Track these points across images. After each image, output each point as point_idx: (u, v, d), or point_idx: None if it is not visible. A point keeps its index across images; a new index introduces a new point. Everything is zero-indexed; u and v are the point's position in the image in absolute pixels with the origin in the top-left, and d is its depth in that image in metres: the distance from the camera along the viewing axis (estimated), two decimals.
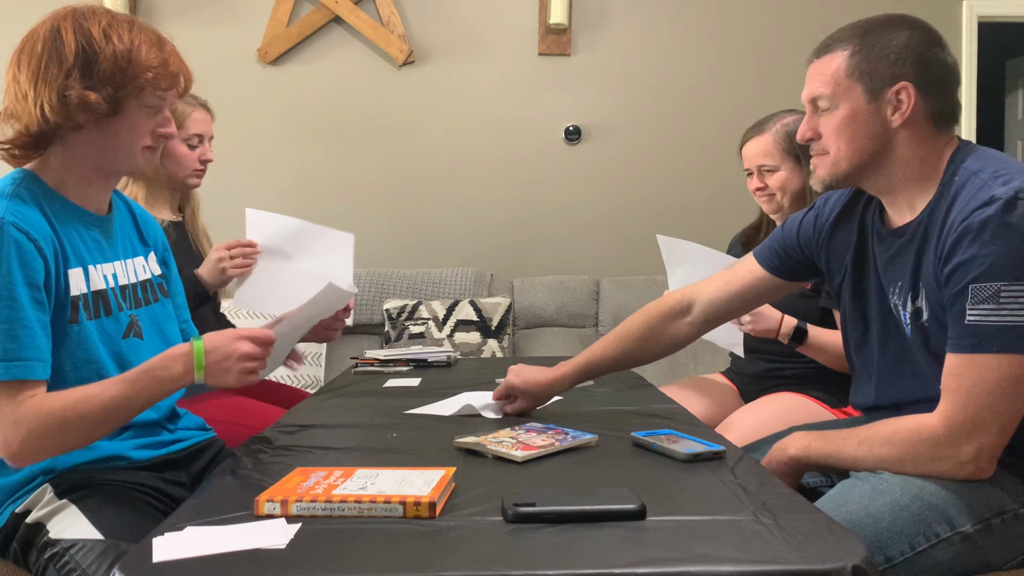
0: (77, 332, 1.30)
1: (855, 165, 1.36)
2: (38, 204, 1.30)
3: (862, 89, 1.34)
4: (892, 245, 1.39)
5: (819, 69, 1.39)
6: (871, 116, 1.34)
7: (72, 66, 1.28)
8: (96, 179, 1.39)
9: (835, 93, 1.36)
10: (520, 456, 1.27)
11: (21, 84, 1.30)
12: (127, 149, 1.35)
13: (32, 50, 1.31)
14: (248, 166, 3.77)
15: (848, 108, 1.35)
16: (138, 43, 1.31)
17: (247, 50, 3.73)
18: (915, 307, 1.34)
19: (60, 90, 1.28)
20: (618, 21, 3.85)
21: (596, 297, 3.64)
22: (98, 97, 1.28)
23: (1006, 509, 1.25)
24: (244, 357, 1.28)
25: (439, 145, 3.85)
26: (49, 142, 1.33)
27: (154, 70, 1.32)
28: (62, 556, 1.22)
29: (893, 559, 1.22)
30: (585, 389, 1.91)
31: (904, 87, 1.32)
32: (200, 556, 0.92)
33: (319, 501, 1.04)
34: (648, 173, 3.87)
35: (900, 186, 1.37)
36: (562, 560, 0.89)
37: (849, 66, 1.35)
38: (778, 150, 2.12)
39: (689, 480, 1.19)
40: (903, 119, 1.32)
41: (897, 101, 1.32)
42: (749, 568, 0.87)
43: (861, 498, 1.27)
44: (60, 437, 1.23)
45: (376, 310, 3.53)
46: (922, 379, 1.35)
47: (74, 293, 1.31)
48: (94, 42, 1.29)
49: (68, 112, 1.28)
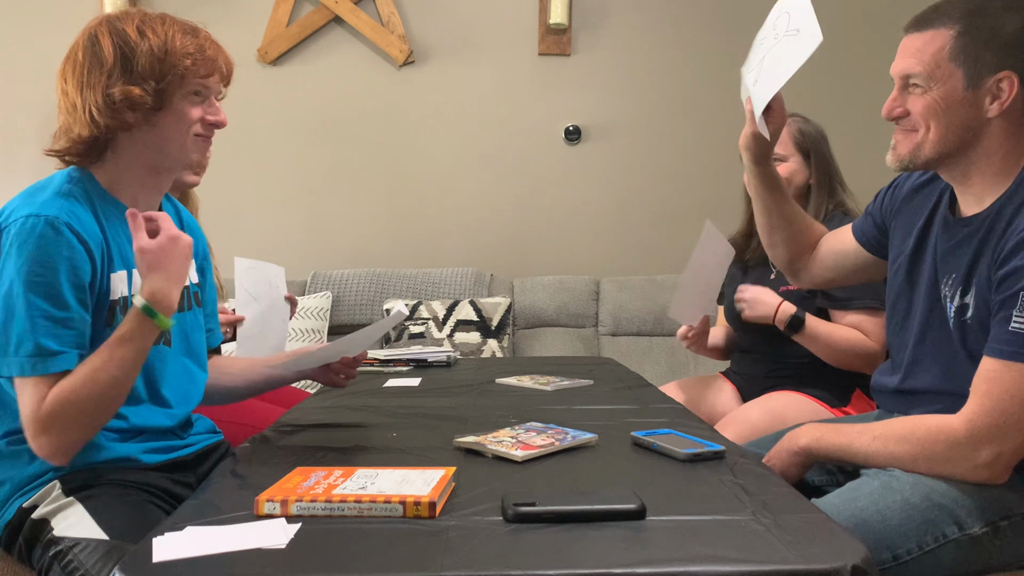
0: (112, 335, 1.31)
1: (940, 152, 1.30)
2: (90, 204, 1.33)
3: (963, 74, 1.26)
4: (955, 236, 1.34)
5: (918, 44, 1.29)
6: (967, 103, 1.26)
7: (112, 67, 1.31)
8: (149, 180, 1.40)
9: (932, 75, 1.27)
10: (520, 456, 1.27)
11: (69, 95, 1.34)
12: (178, 141, 1.37)
13: (74, 60, 1.34)
14: (248, 166, 3.77)
15: (943, 92, 1.27)
16: (172, 34, 1.34)
17: (247, 50, 3.73)
18: (962, 302, 1.31)
19: (104, 91, 1.31)
20: (618, 21, 3.85)
21: (596, 297, 3.64)
22: (141, 92, 1.31)
23: (1014, 512, 1.25)
24: (141, 251, 1.26)
25: (439, 145, 3.85)
26: (104, 148, 1.36)
27: (191, 57, 1.34)
28: (66, 554, 1.22)
29: (901, 558, 1.22)
30: (585, 388, 1.91)
31: (1008, 76, 1.24)
32: (200, 556, 0.92)
33: (319, 501, 1.04)
34: (648, 173, 3.87)
35: (977, 177, 1.31)
36: (562, 560, 0.89)
37: (953, 48, 1.25)
38: (791, 140, 2.14)
39: (689, 480, 1.18)
40: (1001, 110, 1.25)
41: (997, 90, 1.25)
42: (749, 568, 0.87)
43: (871, 495, 1.27)
44: (85, 417, 1.24)
45: (376, 310, 3.53)
46: (953, 374, 1.33)
47: (114, 296, 1.33)
48: (130, 40, 1.32)
49: (115, 112, 1.31)
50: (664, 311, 3.53)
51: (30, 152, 3.75)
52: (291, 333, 3.36)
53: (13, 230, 1.25)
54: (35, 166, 3.69)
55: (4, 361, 1.23)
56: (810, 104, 2.58)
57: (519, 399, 1.80)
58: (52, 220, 1.25)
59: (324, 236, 3.84)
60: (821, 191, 2.13)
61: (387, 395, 1.90)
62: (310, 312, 3.42)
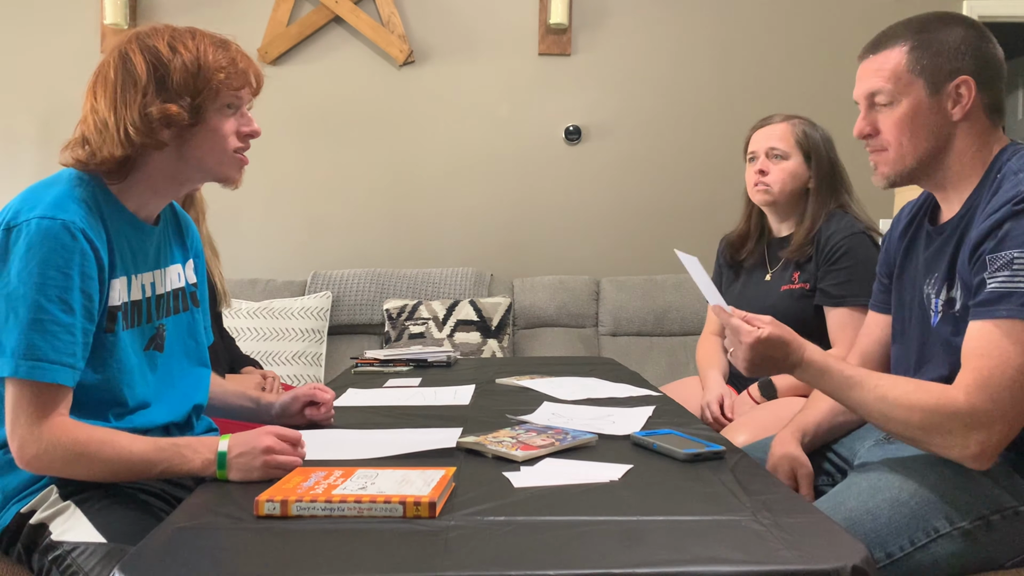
0: (112, 342, 1.31)
1: (919, 160, 1.37)
2: (98, 209, 1.31)
3: (924, 83, 1.34)
4: (933, 242, 1.41)
5: (875, 65, 1.38)
6: (933, 110, 1.34)
7: (147, 84, 1.30)
8: (165, 190, 1.40)
9: (896, 88, 1.35)
10: (520, 456, 1.27)
11: (100, 112, 1.31)
12: (217, 155, 1.37)
13: (105, 78, 1.32)
14: (248, 166, 3.76)
15: (910, 102, 1.35)
16: (203, 48, 1.33)
17: (247, 50, 3.69)
18: (948, 296, 1.34)
19: (141, 109, 1.29)
20: (618, 21, 3.85)
21: (596, 297, 3.64)
22: (178, 108, 1.30)
23: (1006, 506, 1.26)
24: (267, 451, 1.22)
25: (439, 145, 3.85)
26: (133, 167, 1.34)
27: (224, 70, 1.33)
28: (64, 559, 1.22)
29: (893, 554, 1.23)
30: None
31: (964, 80, 1.33)
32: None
33: (319, 501, 1.04)
34: (648, 173, 3.87)
35: (955, 179, 1.38)
36: (562, 560, 0.90)
37: (910, 61, 1.35)
38: (794, 139, 2.13)
39: (689, 480, 1.19)
40: (964, 112, 1.33)
41: (957, 95, 1.33)
42: (749, 568, 0.87)
43: (860, 495, 1.28)
44: (72, 466, 1.23)
45: (376, 310, 3.53)
46: (941, 365, 1.34)
47: (114, 303, 1.32)
48: (162, 56, 1.31)
49: (151, 130, 1.30)
50: (664, 313, 3.53)
51: (30, 152, 3.75)
52: (291, 333, 3.37)
53: (25, 230, 1.23)
54: (35, 166, 3.70)
55: (2, 361, 1.21)
56: (812, 106, 2.59)
57: (519, 399, 1.80)
58: (68, 224, 1.23)
59: (324, 236, 3.84)
60: (820, 194, 2.13)
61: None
62: (310, 312, 3.42)
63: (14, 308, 1.21)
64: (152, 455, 1.24)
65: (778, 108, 2.25)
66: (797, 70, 3.80)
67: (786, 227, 2.20)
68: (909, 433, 1.26)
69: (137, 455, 1.23)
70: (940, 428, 1.22)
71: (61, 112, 3.60)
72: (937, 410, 1.22)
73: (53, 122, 3.70)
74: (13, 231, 1.24)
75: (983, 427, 1.20)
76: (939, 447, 1.24)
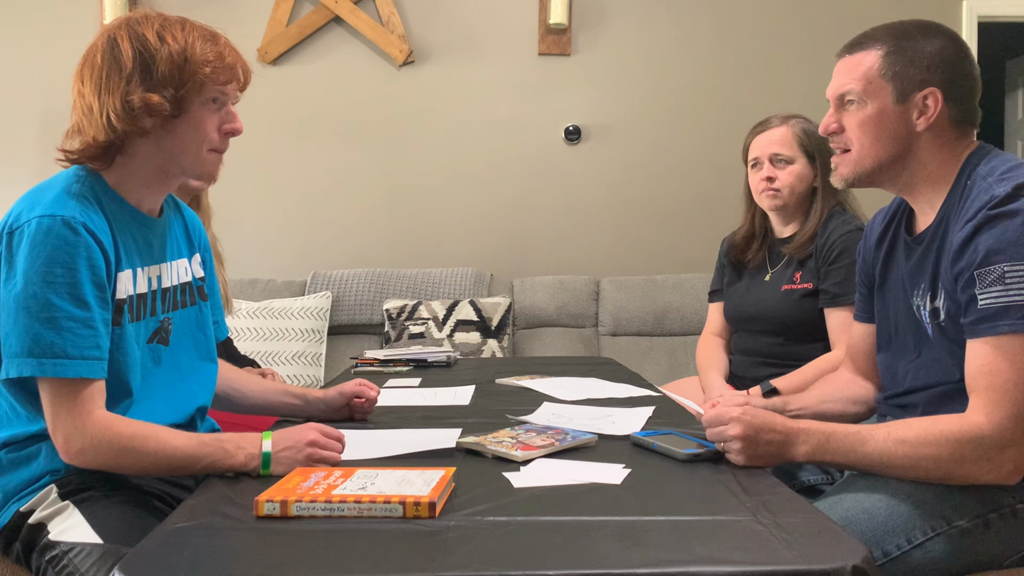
0: (118, 334, 1.31)
1: (877, 163, 1.38)
2: (99, 204, 1.31)
3: (891, 89, 1.36)
4: (913, 253, 1.42)
5: (850, 65, 1.40)
6: (897, 117, 1.36)
7: (131, 71, 1.30)
8: (156, 182, 1.39)
9: (865, 90, 1.37)
10: (520, 456, 1.27)
11: (86, 98, 1.32)
12: (194, 149, 1.36)
13: (92, 63, 1.32)
14: (248, 166, 3.77)
15: (876, 106, 1.37)
16: (192, 40, 1.32)
17: (247, 50, 3.69)
18: (933, 306, 1.35)
19: (123, 96, 1.29)
20: (618, 21, 3.85)
21: (596, 297, 3.64)
22: (160, 98, 1.30)
23: (1003, 505, 1.25)
24: (312, 444, 1.26)
25: (439, 145, 3.85)
26: (116, 152, 1.34)
27: (211, 64, 1.33)
28: (60, 559, 1.22)
29: (891, 553, 1.23)
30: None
31: (932, 92, 1.34)
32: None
33: (319, 501, 1.04)
34: (648, 173, 3.87)
35: (921, 187, 1.40)
36: (562, 560, 0.89)
37: (883, 65, 1.37)
38: (796, 142, 2.13)
39: (689, 480, 1.19)
40: (927, 124, 1.35)
41: (924, 106, 1.35)
42: (749, 568, 0.87)
43: (857, 495, 1.28)
44: (118, 460, 1.25)
45: (376, 310, 3.53)
46: (950, 374, 1.33)
47: (120, 296, 1.32)
48: (149, 45, 1.30)
49: (133, 118, 1.30)
50: (664, 314, 3.53)
51: (30, 152, 3.75)
52: (291, 333, 3.37)
53: (26, 231, 1.23)
54: (35, 166, 3.70)
55: (20, 362, 1.21)
56: (812, 106, 2.59)
57: (519, 399, 1.80)
58: (68, 220, 1.24)
59: (324, 236, 3.84)
60: (826, 192, 2.13)
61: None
62: (310, 312, 3.42)
63: (27, 309, 1.21)
64: (196, 450, 1.25)
65: (778, 108, 2.25)
66: (797, 70, 3.80)
67: (790, 228, 2.20)
68: (942, 469, 1.23)
69: (181, 450, 1.25)
70: (972, 456, 1.21)
71: (61, 112, 3.57)
72: (964, 439, 1.20)
73: (53, 122, 3.69)
74: (15, 233, 1.25)
75: (1013, 444, 1.20)
76: (974, 475, 1.22)
